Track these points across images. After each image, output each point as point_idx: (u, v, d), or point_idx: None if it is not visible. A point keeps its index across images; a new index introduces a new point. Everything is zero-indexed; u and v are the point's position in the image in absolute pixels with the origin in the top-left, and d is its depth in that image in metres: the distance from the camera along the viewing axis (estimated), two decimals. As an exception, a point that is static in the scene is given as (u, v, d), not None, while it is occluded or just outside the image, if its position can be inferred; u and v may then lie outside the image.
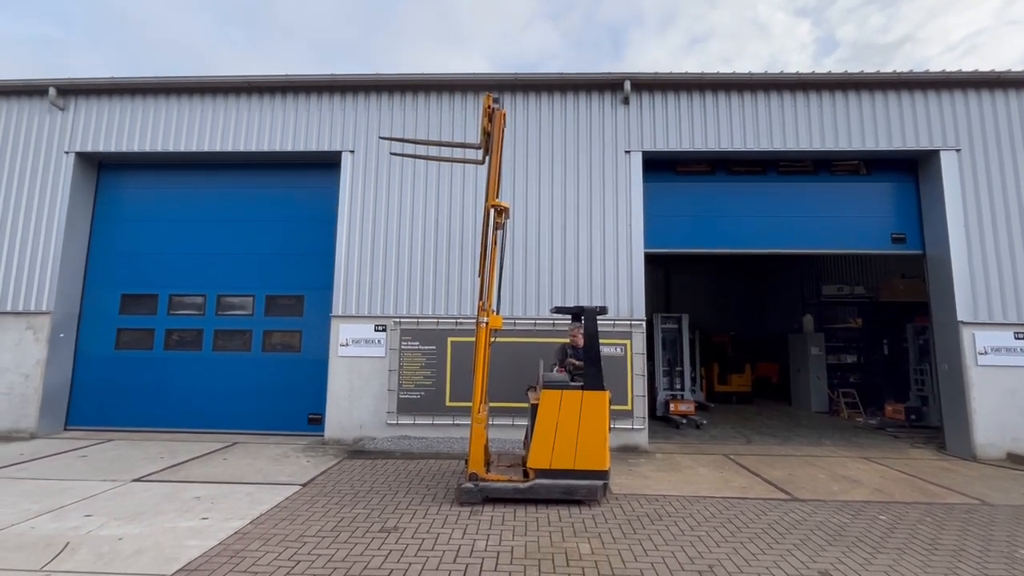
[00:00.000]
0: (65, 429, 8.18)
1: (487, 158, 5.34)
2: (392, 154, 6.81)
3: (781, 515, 4.80)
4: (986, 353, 7.32)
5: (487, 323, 5.03)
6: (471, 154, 6.08)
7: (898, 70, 7.82)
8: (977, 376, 7.30)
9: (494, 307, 5.22)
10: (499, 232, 5.18)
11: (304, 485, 5.46)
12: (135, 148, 8.35)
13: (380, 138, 7.87)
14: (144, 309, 8.53)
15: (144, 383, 8.29)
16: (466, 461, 5.90)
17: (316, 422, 7.97)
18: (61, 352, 8.16)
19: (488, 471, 5.07)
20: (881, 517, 4.79)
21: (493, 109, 5.14)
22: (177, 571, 3.47)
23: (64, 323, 8.20)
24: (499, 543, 4.02)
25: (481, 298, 5.12)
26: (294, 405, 8.12)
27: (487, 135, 5.22)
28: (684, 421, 9.68)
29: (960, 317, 7.43)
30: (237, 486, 5.40)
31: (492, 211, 5.17)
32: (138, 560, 3.63)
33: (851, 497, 5.40)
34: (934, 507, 5.13)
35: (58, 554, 3.69)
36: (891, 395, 11.48)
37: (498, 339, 5.14)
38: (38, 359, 7.87)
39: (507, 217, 5.30)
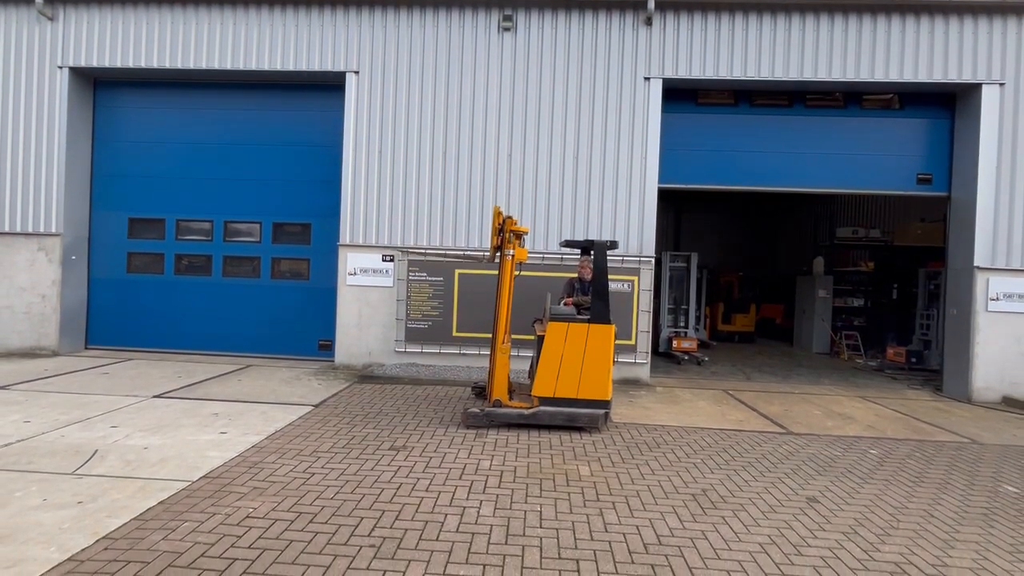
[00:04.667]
0: (86, 348, 8.48)
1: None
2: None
3: (775, 447, 4.98)
4: (998, 299, 7.25)
5: (513, 255, 5.08)
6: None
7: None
8: (985, 321, 7.27)
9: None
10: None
11: (316, 406, 5.70)
12: (129, 64, 7.97)
13: (398, 249, 7.65)
14: (152, 233, 8.54)
15: (158, 306, 8.46)
16: (472, 387, 6.14)
17: (326, 348, 8.18)
18: (75, 274, 8.27)
19: (511, 399, 5.24)
20: (871, 451, 4.96)
21: (504, 220, 5.10)
22: (200, 478, 3.70)
23: (75, 245, 8.25)
24: (503, 463, 4.22)
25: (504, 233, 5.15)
26: (304, 331, 8.30)
27: (497, 248, 5.20)
28: (686, 357, 9.85)
29: (977, 262, 7.28)
30: (252, 404, 5.65)
31: (511, 234, 5.14)
32: (163, 467, 3.87)
33: (844, 432, 5.57)
34: (924, 444, 5.29)
35: (88, 460, 3.93)
36: (894, 339, 11.54)
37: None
38: (53, 280, 8.01)
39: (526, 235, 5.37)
